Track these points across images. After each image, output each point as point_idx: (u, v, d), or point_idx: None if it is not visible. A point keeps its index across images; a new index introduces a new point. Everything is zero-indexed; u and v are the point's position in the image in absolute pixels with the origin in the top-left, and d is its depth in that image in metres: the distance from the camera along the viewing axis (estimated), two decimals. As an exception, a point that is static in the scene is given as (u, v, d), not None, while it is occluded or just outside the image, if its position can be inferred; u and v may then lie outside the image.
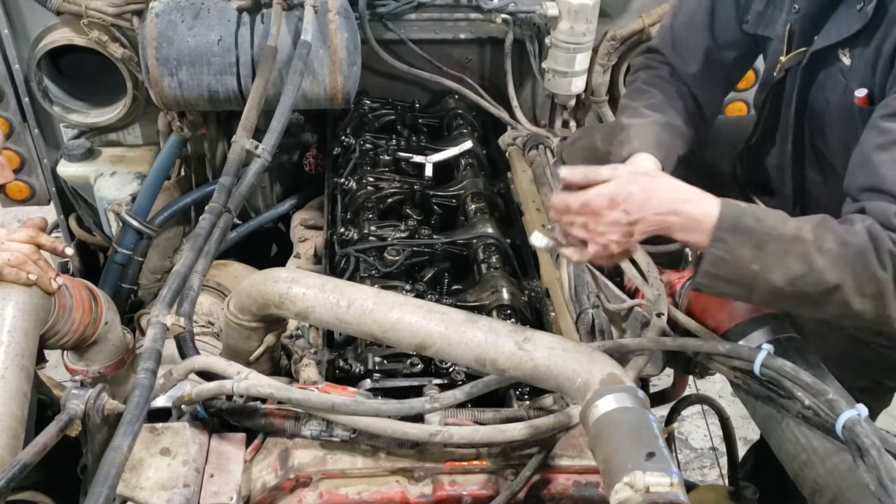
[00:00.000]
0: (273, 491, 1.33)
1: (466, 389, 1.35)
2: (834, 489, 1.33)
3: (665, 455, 1.18)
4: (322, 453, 1.35)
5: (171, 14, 2.08)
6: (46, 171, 2.54)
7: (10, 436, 1.27)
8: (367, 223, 2.06)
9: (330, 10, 2.11)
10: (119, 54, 2.25)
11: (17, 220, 3.87)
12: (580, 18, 2.31)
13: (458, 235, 2.04)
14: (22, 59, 2.31)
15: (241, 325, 1.58)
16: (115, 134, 2.55)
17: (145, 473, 1.28)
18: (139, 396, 1.22)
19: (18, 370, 1.35)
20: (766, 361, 1.35)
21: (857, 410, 1.24)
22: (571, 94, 2.50)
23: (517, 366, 1.29)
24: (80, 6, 2.17)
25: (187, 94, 2.13)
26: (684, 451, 3.23)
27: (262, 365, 1.66)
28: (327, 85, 2.14)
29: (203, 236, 1.63)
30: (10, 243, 1.44)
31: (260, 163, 1.80)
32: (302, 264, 2.26)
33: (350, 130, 2.54)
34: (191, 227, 2.62)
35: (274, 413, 1.39)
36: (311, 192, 2.64)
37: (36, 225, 1.52)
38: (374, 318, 1.39)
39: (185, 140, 2.42)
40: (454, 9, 2.52)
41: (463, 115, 2.61)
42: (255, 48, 2.09)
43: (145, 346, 1.35)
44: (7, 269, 1.41)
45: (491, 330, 1.34)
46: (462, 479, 1.35)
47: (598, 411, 1.14)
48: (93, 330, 1.61)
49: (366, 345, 1.68)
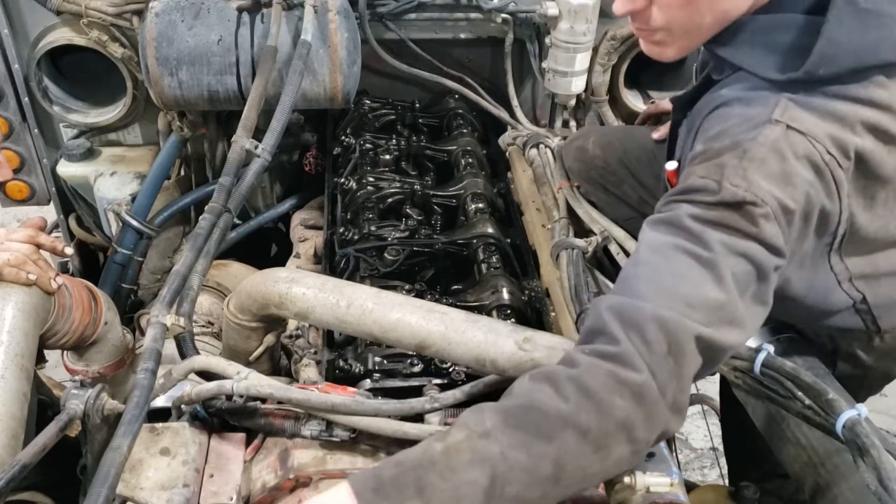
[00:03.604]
0: (273, 491, 1.33)
1: (466, 389, 1.35)
2: (835, 489, 1.34)
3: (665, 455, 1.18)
4: (322, 453, 1.35)
5: (170, 14, 2.08)
6: (46, 171, 2.54)
7: (10, 436, 1.27)
8: (366, 223, 2.06)
9: (330, 10, 2.11)
10: (119, 54, 2.25)
11: (17, 220, 3.87)
12: (580, 18, 2.30)
13: (458, 235, 2.04)
14: (22, 59, 2.31)
15: (241, 325, 1.58)
16: (115, 134, 2.55)
17: (145, 473, 1.28)
18: (139, 396, 1.22)
19: (18, 370, 1.35)
20: (767, 361, 1.35)
21: (858, 410, 1.23)
22: (571, 94, 2.50)
23: (517, 366, 1.30)
24: (80, 6, 2.17)
25: (187, 94, 2.13)
26: (684, 451, 3.23)
27: (262, 365, 1.66)
28: (327, 85, 2.14)
29: (203, 236, 1.63)
30: (10, 243, 1.44)
31: (260, 163, 1.80)
32: (302, 264, 2.27)
33: (350, 130, 2.53)
34: (191, 227, 2.62)
35: (274, 413, 1.39)
36: (311, 192, 2.65)
37: (36, 225, 1.52)
38: (374, 318, 1.40)
39: (185, 140, 2.42)
40: (454, 9, 2.52)
41: (463, 115, 2.61)
42: (255, 48, 2.09)
43: (145, 346, 1.35)
44: (7, 269, 1.41)
45: (491, 330, 1.34)
46: (462, 479, 1.35)
47: (598, 411, 1.14)
48: (93, 330, 1.61)
49: (366, 345, 1.68)
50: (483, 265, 1.94)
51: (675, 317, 1.06)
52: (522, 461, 1.00)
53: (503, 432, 1.02)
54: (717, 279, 1.10)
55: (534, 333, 1.33)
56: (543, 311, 1.88)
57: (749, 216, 1.12)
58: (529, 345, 1.29)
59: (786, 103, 1.18)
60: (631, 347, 1.04)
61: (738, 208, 1.12)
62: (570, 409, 1.02)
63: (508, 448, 1.00)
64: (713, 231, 1.12)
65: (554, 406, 1.02)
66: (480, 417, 1.05)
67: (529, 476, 1.00)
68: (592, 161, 2.05)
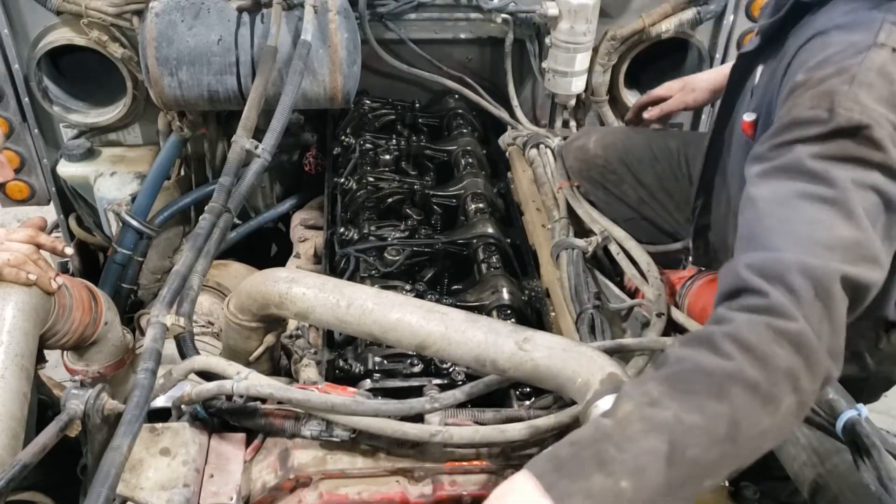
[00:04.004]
0: (273, 491, 1.33)
1: (466, 389, 1.35)
2: (834, 489, 1.33)
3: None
4: (322, 453, 1.35)
5: (170, 14, 2.08)
6: (46, 171, 2.54)
7: (10, 436, 1.27)
8: (366, 223, 2.06)
9: (330, 10, 2.11)
10: (119, 54, 2.25)
11: (17, 220, 3.87)
12: (580, 18, 2.30)
13: (458, 235, 2.04)
14: (22, 59, 2.31)
15: (241, 325, 1.58)
16: (115, 134, 2.55)
17: (145, 473, 1.28)
18: (139, 396, 1.22)
19: (18, 370, 1.35)
20: (767, 361, 1.35)
21: (858, 410, 1.23)
22: (571, 94, 2.50)
23: (517, 366, 1.29)
24: (80, 6, 2.17)
25: (187, 94, 2.13)
26: (684, 451, 3.22)
27: (262, 365, 1.66)
28: (327, 85, 2.14)
29: (203, 236, 1.63)
30: (10, 243, 1.44)
31: (260, 163, 1.80)
32: (302, 264, 2.27)
33: (350, 130, 2.54)
34: (191, 227, 2.62)
35: (274, 413, 1.39)
36: (311, 192, 2.65)
37: (36, 225, 1.52)
38: (374, 318, 1.39)
39: (185, 140, 2.42)
40: (454, 9, 2.52)
41: (463, 114, 2.61)
42: (255, 48, 2.09)
43: (145, 346, 1.35)
44: (7, 269, 1.41)
45: (491, 330, 1.33)
46: (462, 479, 1.35)
47: (598, 411, 1.14)
48: (93, 330, 1.61)
49: (366, 345, 1.68)
50: (483, 265, 1.94)
51: (816, 261, 1.04)
52: (698, 422, 0.98)
53: (672, 398, 1.00)
54: (847, 216, 1.07)
55: (534, 333, 1.33)
56: (543, 311, 1.88)
57: (869, 141, 1.08)
58: (529, 345, 1.29)
59: (890, 27, 1.15)
60: (781, 297, 1.03)
61: (855, 134, 1.09)
62: (735, 366, 1.00)
63: (682, 412, 0.99)
64: (837, 168, 1.09)
65: (717, 365, 1.01)
66: (644, 388, 1.03)
67: (707, 437, 0.98)
68: (593, 160, 2.05)
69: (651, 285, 1.72)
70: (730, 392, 1.00)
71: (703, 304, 1.66)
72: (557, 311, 1.84)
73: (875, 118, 1.09)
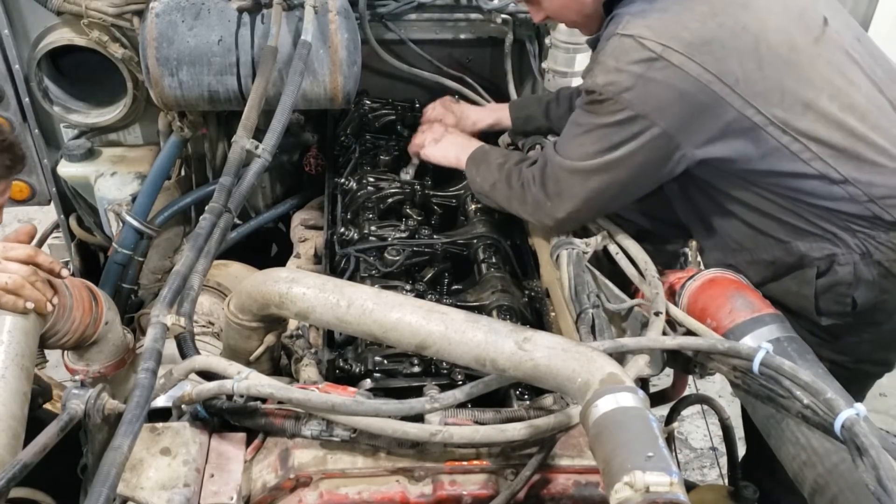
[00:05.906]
0: (273, 491, 1.33)
1: (466, 389, 1.35)
2: (834, 489, 1.34)
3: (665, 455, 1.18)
4: (322, 453, 1.35)
5: (171, 14, 2.09)
6: (47, 171, 2.54)
7: (11, 436, 1.27)
8: (367, 223, 2.06)
9: (330, 11, 2.11)
10: (119, 54, 2.25)
11: (18, 221, 3.88)
12: (580, 18, 2.30)
13: (458, 235, 2.05)
14: (22, 59, 2.31)
15: (241, 325, 1.58)
16: (116, 134, 2.55)
17: (145, 473, 1.28)
18: (139, 396, 1.22)
19: (18, 370, 1.35)
20: (765, 360, 1.35)
21: (856, 410, 1.23)
22: (571, 94, 2.50)
23: (517, 366, 1.30)
24: (81, 6, 2.17)
25: (187, 95, 2.13)
26: (684, 451, 3.24)
27: (262, 365, 1.66)
28: (327, 85, 2.14)
29: (203, 236, 1.63)
30: (8, 264, 1.40)
31: (260, 163, 1.80)
32: (302, 264, 2.27)
33: (350, 130, 2.54)
34: (191, 227, 2.62)
35: (274, 413, 1.40)
36: (311, 192, 2.65)
37: (28, 233, 1.49)
38: (374, 318, 1.40)
39: (185, 140, 2.42)
40: (454, 9, 2.53)
41: (463, 115, 2.61)
42: (256, 48, 2.09)
43: (145, 346, 1.35)
44: (5, 297, 1.38)
45: (491, 330, 1.34)
46: (462, 478, 1.35)
47: (598, 411, 1.14)
48: (93, 330, 1.61)
49: (366, 345, 1.68)
50: (483, 265, 1.94)
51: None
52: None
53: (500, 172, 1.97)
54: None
55: (534, 333, 1.33)
56: (543, 311, 1.88)
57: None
58: (529, 345, 1.29)
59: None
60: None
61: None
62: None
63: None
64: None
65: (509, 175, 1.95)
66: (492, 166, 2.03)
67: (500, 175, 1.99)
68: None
69: (650, 284, 1.73)
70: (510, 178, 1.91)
71: (703, 304, 1.66)
72: (557, 311, 1.84)
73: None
